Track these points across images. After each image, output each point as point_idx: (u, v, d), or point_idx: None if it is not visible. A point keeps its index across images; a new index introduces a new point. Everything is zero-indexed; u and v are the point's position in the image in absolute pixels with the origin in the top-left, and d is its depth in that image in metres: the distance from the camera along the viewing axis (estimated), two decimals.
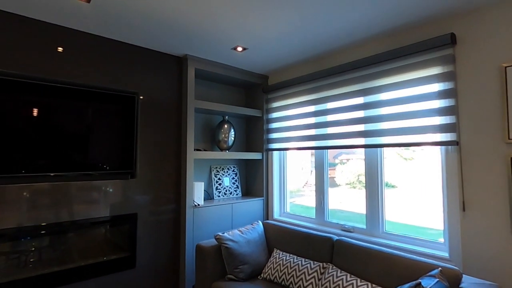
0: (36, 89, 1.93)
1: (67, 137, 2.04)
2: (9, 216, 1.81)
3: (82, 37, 2.09)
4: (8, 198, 1.81)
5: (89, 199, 2.11)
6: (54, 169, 1.98)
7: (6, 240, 1.83)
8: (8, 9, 1.78)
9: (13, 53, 1.83)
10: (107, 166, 2.20)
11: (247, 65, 2.78)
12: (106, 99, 2.21)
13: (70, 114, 2.06)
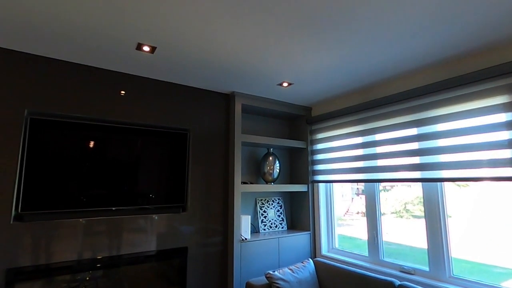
0: (99, 129, 2.13)
1: (123, 173, 2.19)
2: (67, 249, 1.94)
3: (140, 81, 2.30)
4: (68, 231, 1.96)
5: (142, 232, 2.20)
6: (111, 204, 2.12)
7: (68, 272, 1.95)
8: (80, 61, 2.03)
9: (81, 97, 2.07)
10: (160, 200, 2.31)
11: (291, 98, 2.84)
12: (160, 136, 2.37)
13: (127, 151, 2.23)
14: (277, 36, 1.66)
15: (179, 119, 2.44)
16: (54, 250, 1.87)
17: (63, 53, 1.90)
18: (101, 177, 2.09)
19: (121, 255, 2.09)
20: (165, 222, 2.29)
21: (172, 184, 2.38)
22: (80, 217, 1.99)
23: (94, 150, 2.10)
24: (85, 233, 1.99)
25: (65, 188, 1.97)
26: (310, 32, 1.61)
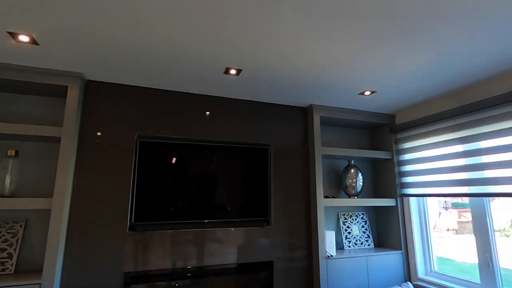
0: (189, 147, 2.35)
1: (212, 187, 2.35)
2: (158, 258, 2.14)
3: (224, 101, 2.47)
4: (168, 241, 2.16)
5: (229, 244, 2.30)
6: (204, 217, 2.29)
7: (167, 279, 2.14)
8: (174, 88, 2.29)
9: (174, 120, 2.31)
10: (245, 214, 2.40)
11: (372, 107, 2.69)
12: (243, 152, 2.48)
13: (214, 167, 2.39)
14: (362, 45, 1.60)
15: (260, 134, 2.53)
16: (158, 257, 2.09)
17: (161, 83, 2.17)
18: (193, 191, 2.29)
19: (208, 266, 2.22)
20: (250, 235, 2.36)
21: (256, 199, 2.45)
22: (177, 228, 2.19)
23: (186, 166, 2.31)
24: (180, 243, 2.17)
25: (165, 201, 2.20)
26: (401, 34, 1.51)
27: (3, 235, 1.89)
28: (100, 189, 2.03)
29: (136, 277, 2.02)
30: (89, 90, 2.11)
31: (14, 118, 2.03)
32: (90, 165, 2.04)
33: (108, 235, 2.00)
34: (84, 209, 1.98)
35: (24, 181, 2.00)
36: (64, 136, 1.88)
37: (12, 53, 1.68)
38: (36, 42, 1.56)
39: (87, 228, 1.96)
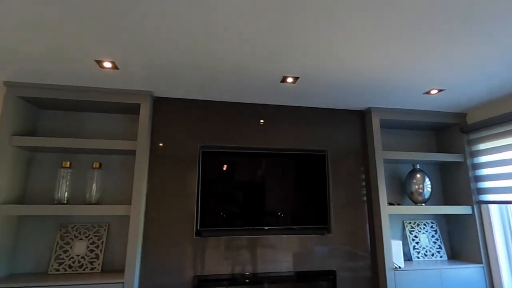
0: (244, 155, 2.41)
1: (269, 195, 2.37)
2: (220, 263, 2.20)
3: (278, 109, 2.50)
4: (230, 247, 2.23)
5: (289, 251, 2.29)
6: (262, 224, 2.32)
7: (225, 285, 2.20)
8: (232, 99, 2.38)
9: (231, 129, 2.40)
10: (304, 221, 2.38)
11: (439, 106, 2.48)
12: (300, 158, 2.47)
13: (270, 174, 2.42)
14: (428, 43, 1.50)
15: (316, 140, 2.50)
16: (219, 262, 2.17)
17: (220, 95, 2.29)
18: (252, 198, 2.34)
19: (267, 273, 2.23)
20: (308, 243, 2.33)
21: (314, 206, 2.42)
22: (239, 234, 2.25)
23: (245, 173, 2.38)
24: (241, 249, 2.23)
25: (227, 208, 2.29)
26: (471, 28, 1.39)
27: (91, 238, 2.15)
28: (169, 197, 2.19)
29: (204, 280, 2.13)
30: (157, 106, 2.31)
31: (98, 135, 2.31)
32: (160, 174, 2.22)
33: (177, 240, 2.14)
34: (156, 216, 2.15)
35: (107, 190, 2.26)
36: (138, 149, 2.08)
37: (98, 78, 1.93)
38: (117, 67, 1.77)
39: (159, 233, 2.13)
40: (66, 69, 1.81)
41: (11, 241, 2.03)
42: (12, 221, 2.04)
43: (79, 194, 2.22)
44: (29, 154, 2.20)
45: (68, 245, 2.10)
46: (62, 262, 2.06)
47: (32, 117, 2.21)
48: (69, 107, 2.24)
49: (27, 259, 2.07)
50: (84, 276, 1.96)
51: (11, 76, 1.92)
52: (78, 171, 2.24)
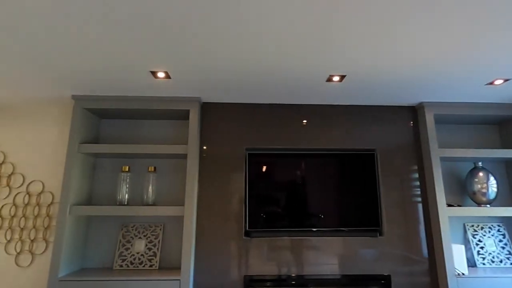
0: (289, 156, 2.40)
1: (315, 196, 2.34)
2: (268, 263, 2.21)
3: (321, 109, 2.45)
4: (277, 248, 2.23)
5: (335, 255, 2.23)
6: (309, 225, 2.29)
7: (274, 285, 2.20)
8: (276, 101, 2.39)
9: (275, 131, 2.40)
10: (354, 223, 2.30)
11: (503, 97, 2.25)
12: (346, 158, 2.40)
13: (316, 175, 2.38)
14: (492, 29, 1.37)
15: (363, 139, 2.42)
16: (267, 263, 2.19)
17: (264, 98, 2.31)
18: (297, 199, 2.33)
19: (316, 275, 2.19)
20: (359, 245, 2.25)
21: (364, 207, 2.33)
22: (287, 236, 2.25)
23: (291, 174, 2.37)
24: (289, 251, 2.22)
25: (273, 209, 2.31)
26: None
27: (149, 236, 2.30)
28: (218, 198, 2.27)
29: (253, 280, 2.16)
30: (205, 111, 2.40)
31: (152, 140, 2.48)
32: (209, 177, 2.30)
33: (228, 240, 2.20)
34: (207, 216, 2.24)
35: (161, 191, 2.40)
36: (189, 153, 2.19)
37: (152, 87, 2.07)
38: (169, 76, 1.88)
39: (210, 234, 2.21)
40: (124, 81, 1.97)
41: (82, 239, 2.26)
42: (82, 220, 2.26)
43: (137, 196, 2.39)
44: (94, 160, 2.42)
45: (129, 243, 2.28)
46: (124, 259, 2.23)
47: (95, 126, 2.43)
48: (126, 116, 2.43)
49: (95, 255, 2.28)
50: (144, 272, 2.11)
51: (77, 90, 2.14)
52: (136, 174, 2.42)
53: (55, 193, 2.39)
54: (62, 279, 1.96)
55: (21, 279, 2.25)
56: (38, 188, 2.40)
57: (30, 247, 2.30)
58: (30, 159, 2.45)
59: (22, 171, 2.43)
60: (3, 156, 2.44)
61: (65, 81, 1.97)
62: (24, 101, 2.37)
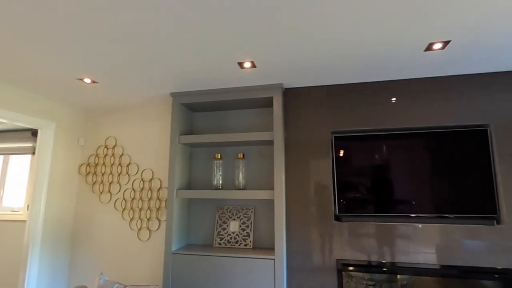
0: (378, 137, 2.22)
1: (410, 179, 2.13)
2: (359, 248, 2.10)
3: (416, 83, 2.20)
4: (369, 233, 2.12)
5: (439, 242, 2.01)
6: (403, 210, 2.11)
7: (367, 271, 2.11)
8: (360, 80, 2.24)
9: (361, 111, 2.25)
10: (459, 209, 2.04)
11: None
12: (447, 136, 2.12)
13: (410, 157, 2.16)
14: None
15: (471, 114, 2.09)
16: (358, 248, 2.12)
17: (350, 77, 2.19)
18: (391, 182, 2.17)
19: (408, 263, 2.02)
20: (466, 234, 1.98)
21: (472, 191, 2.04)
22: (381, 221, 2.14)
23: (381, 157, 2.22)
24: (383, 236, 2.10)
25: (363, 193, 2.21)
26: None
27: (242, 218, 2.48)
28: (305, 182, 2.29)
29: (346, 264, 2.13)
30: (287, 97, 2.42)
31: (239, 129, 2.63)
32: (295, 162, 2.33)
33: (317, 224, 2.21)
34: (295, 200, 2.28)
35: (250, 176, 2.54)
36: (275, 139, 2.25)
37: (238, 78, 2.18)
38: (254, 65, 1.95)
39: (299, 217, 2.26)
40: (214, 75, 2.12)
41: (186, 219, 2.57)
42: (185, 203, 2.57)
43: (229, 180, 2.59)
44: (190, 150, 2.71)
45: (225, 223, 2.50)
46: (222, 238, 2.46)
47: (189, 119, 2.70)
48: (215, 108, 2.63)
49: (197, 234, 2.58)
50: (240, 250, 2.29)
51: (175, 88, 2.39)
52: (227, 161, 2.61)
53: (162, 179, 2.77)
54: (174, 252, 2.28)
55: (142, 250, 2.71)
56: (149, 175, 2.82)
57: (147, 224, 2.73)
58: (141, 151, 2.88)
59: (136, 161, 2.88)
60: (121, 149, 2.94)
61: (165, 81, 2.23)
62: (133, 102, 2.78)
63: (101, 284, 1.66)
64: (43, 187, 2.65)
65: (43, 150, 2.68)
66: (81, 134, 3.07)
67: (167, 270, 2.26)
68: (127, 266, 2.71)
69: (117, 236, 2.79)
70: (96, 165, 2.98)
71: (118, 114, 3.02)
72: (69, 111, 2.93)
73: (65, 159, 2.88)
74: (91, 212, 2.91)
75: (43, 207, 2.63)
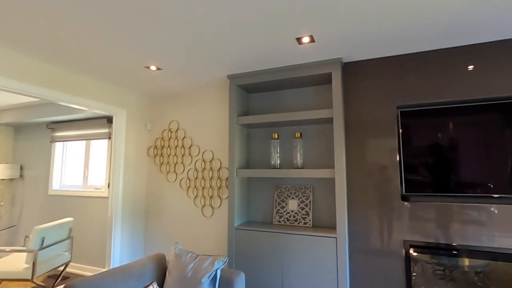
0: (451, 111, 1.99)
1: (486, 156, 1.89)
2: (429, 230, 1.94)
3: (501, 46, 1.90)
4: (440, 214, 1.95)
5: None
6: (479, 191, 1.90)
7: (438, 254, 1.96)
8: (426, 48, 2.01)
9: (431, 83, 2.03)
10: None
11: None
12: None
13: (486, 133, 1.90)
14: None
15: None
16: (428, 229, 1.98)
17: (416, 45, 1.99)
18: (464, 160, 1.96)
19: (484, 247, 1.82)
20: None
21: None
22: (452, 202, 1.96)
23: (452, 133, 2.00)
24: (447, 218, 1.93)
25: (433, 172, 2.03)
26: None
27: (300, 197, 2.49)
28: (367, 161, 2.19)
29: (414, 246, 2.02)
30: (347, 72, 2.31)
31: (295, 109, 2.60)
32: (356, 139, 2.24)
33: (382, 203, 2.12)
34: (357, 179, 2.21)
35: (307, 156, 2.52)
36: (334, 116, 2.18)
37: (295, 55, 2.13)
38: (313, 40, 1.88)
39: (361, 196, 2.19)
40: (271, 54, 2.10)
41: (246, 197, 2.68)
42: (244, 182, 2.66)
43: (286, 160, 2.60)
44: (247, 131, 2.77)
45: (283, 202, 2.54)
46: (281, 216, 2.51)
47: (245, 101, 2.75)
48: (270, 88, 2.62)
49: (256, 211, 2.67)
50: (300, 228, 2.32)
51: (231, 70, 2.44)
52: (283, 141, 2.62)
53: (222, 160, 2.90)
54: (237, 228, 2.41)
55: (206, 225, 2.91)
56: (209, 156, 2.97)
57: (209, 202, 2.91)
58: (201, 133, 3.04)
59: (198, 143, 3.05)
60: (184, 132, 3.13)
61: (222, 64, 2.28)
62: (192, 87, 2.92)
63: (177, 253, 1.84)
64: (120, 168, 2.98)
65: (118, 135, 2.99)
66: (148, 120, 3.34)
67: (231, 243, 2.40)
68: (193, 239, 2.95)
69: (183, 212, 3.04)
70: (162, 147, 3.24)
71: (179, 99, 3.20)
72: (137, 99, 3.20)
73: (136, 143, 3.18)
74: (160, 190, 3.20)
75: (121, 185, 2.97)
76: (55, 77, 2.37)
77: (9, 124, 4.26)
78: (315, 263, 2.13)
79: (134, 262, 1.78)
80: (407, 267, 2.02)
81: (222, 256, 1.78)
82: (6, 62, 2.05)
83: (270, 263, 2.26)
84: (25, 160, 4.27)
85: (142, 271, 1.73)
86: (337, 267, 2.06)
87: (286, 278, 2.20)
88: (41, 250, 2.56)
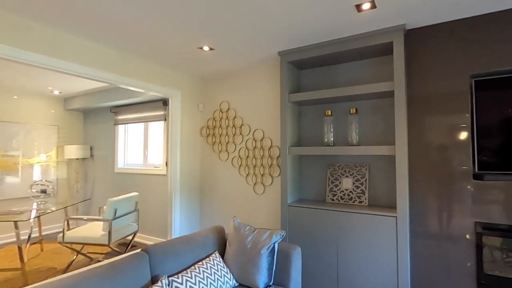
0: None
1: None
2: (497, 210, 1.74)
3: None
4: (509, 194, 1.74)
5: None
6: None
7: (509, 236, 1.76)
8: (503, 7, 1.73)
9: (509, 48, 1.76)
10: None
11: None
12: None
13: None
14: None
15: None
16: (504, 210, 1.79)
17: (493, 4, 1.73)
18: None
19: None
20: None
21: None
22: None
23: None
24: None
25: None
26: None
27: (355, 176, 2.41)
28: (432, 137, 2.02)
29: (487, 228, 1.86)
30: (411, 40, 2.11)
31: (350, 83, 2.48)
32: (419, 113, 2.07)
33: (451, 182, 1.96)
34: (420, 157, 2.06)
35: (363, 133, 2.41)
36: (396, 89, 2.03)
37: (353, 24, 2.00)
38: (375, 6, 1.74)
39: (425, 174, 2.04)
40: (325, 25, 2.00)
41: (298, 175, 2.67)
42: (296, 159, 2.65)
43: (340, 137, 2.52)
44: (298, 108, 2.72)
45: (337, 180, 2.49)
46: (335, 194, 2.47)
47: (296, 78, 2.69)
48: (323, 63, 2.52)
49: (308, 189, 2.66)
50: (355, 206, 2.26)
51: (283, 46, 2.39)
52: (337, 118, 2.53)
53: (273, 139, 2.92)
54: (290, 205, 2.43)
55: (258, 203, 2.99)
56: (260, 135, 3.00)
57: (261, 180, 2.98)
58: (251, 113, 3.07)
59: (248, 123, 3.09)
60: (234, 112, 3.20)
61: (273, 40, 2.24)
62: (242, 66, 2.93)
63: (236, 225, 1.93)
64: (177, 147, 3.16)
65: (173, 116, 3.16)
66: (200, 101, 3.47)
67: (284, 219, 2.45)
68: (246, 215, 3.06)
69: (236, 189, 3.15)
70: (214, 127, 3.35)
71: (229, 79, 3.25)
72: (190, 80, 3.32)
73: (190, 123, 3.34)
74: (213, 168, 3.35)
75: (178, 164, 3.17)
76: (121, 63, 2.55)
77: (79, 110, 4.74)
78: (372, 241, 2.08)
79: (197, 233, 1.91)
80: (478, 251, 1.87)
81: (280, 230, 1.82)
82: (80, 51, 2.26)
83: (324, 240, 2.26)
84: (94, 141, 4.76)
85: (205, 240, 1.85)
86: (396, 246, 1.99)
87: (341, 254, 2.19)
88: (114, 219, 2.87)
